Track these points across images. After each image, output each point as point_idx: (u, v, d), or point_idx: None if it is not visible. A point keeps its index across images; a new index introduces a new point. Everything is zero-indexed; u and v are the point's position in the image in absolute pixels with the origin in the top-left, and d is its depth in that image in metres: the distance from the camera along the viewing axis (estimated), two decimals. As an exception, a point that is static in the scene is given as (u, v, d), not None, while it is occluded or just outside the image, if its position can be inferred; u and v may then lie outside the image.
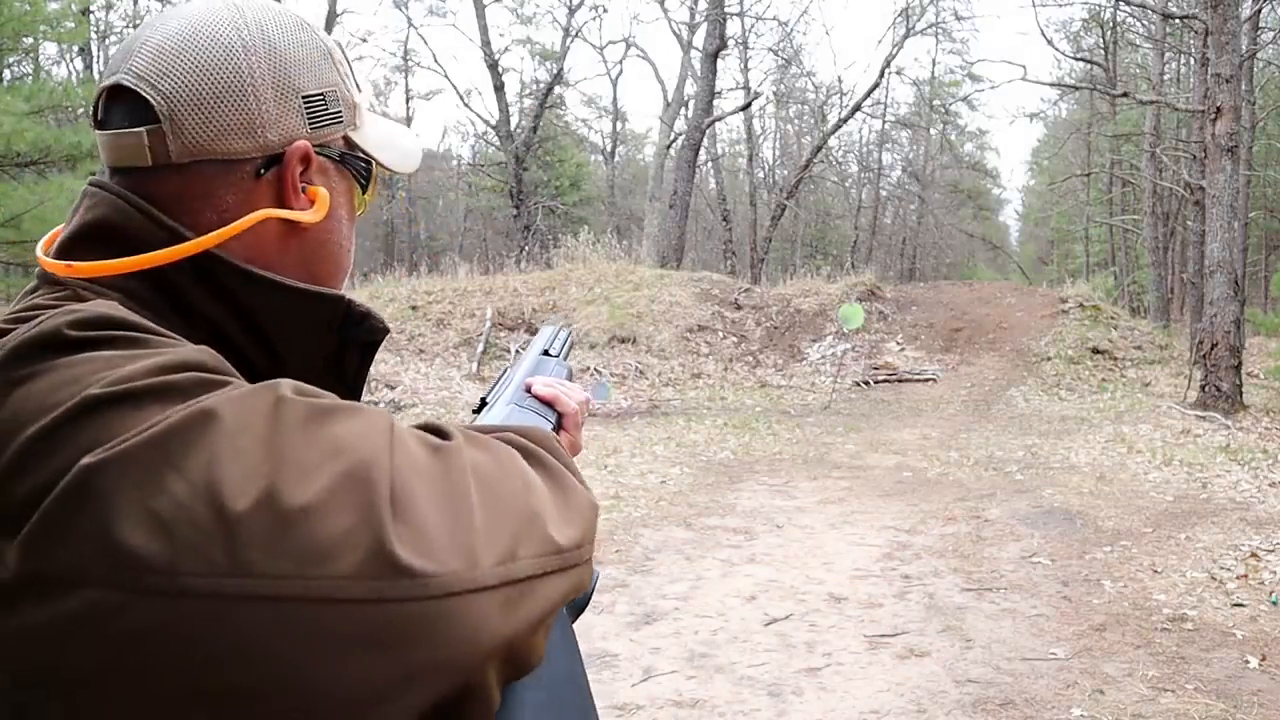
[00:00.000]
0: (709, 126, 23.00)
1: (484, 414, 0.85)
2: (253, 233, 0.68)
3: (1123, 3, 17.24)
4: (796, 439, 9.73)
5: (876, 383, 13.33)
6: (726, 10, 21.84)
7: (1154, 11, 16.48)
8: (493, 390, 0.90)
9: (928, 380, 13.30)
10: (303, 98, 0.70)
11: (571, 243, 17.89)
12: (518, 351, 13.95)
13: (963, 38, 37.78)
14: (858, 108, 25.85)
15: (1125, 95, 17.56)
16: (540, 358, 0.97)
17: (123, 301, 0.63)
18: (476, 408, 0.87)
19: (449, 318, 14.67)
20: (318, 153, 0.72)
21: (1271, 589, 4.70)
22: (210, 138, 0.66)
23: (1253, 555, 5.23)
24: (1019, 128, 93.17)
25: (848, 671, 3.85)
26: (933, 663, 3.91)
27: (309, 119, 0.71)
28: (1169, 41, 21.33)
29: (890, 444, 9.32)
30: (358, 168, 0.76)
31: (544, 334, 1.04)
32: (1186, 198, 17.81)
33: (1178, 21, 15.84)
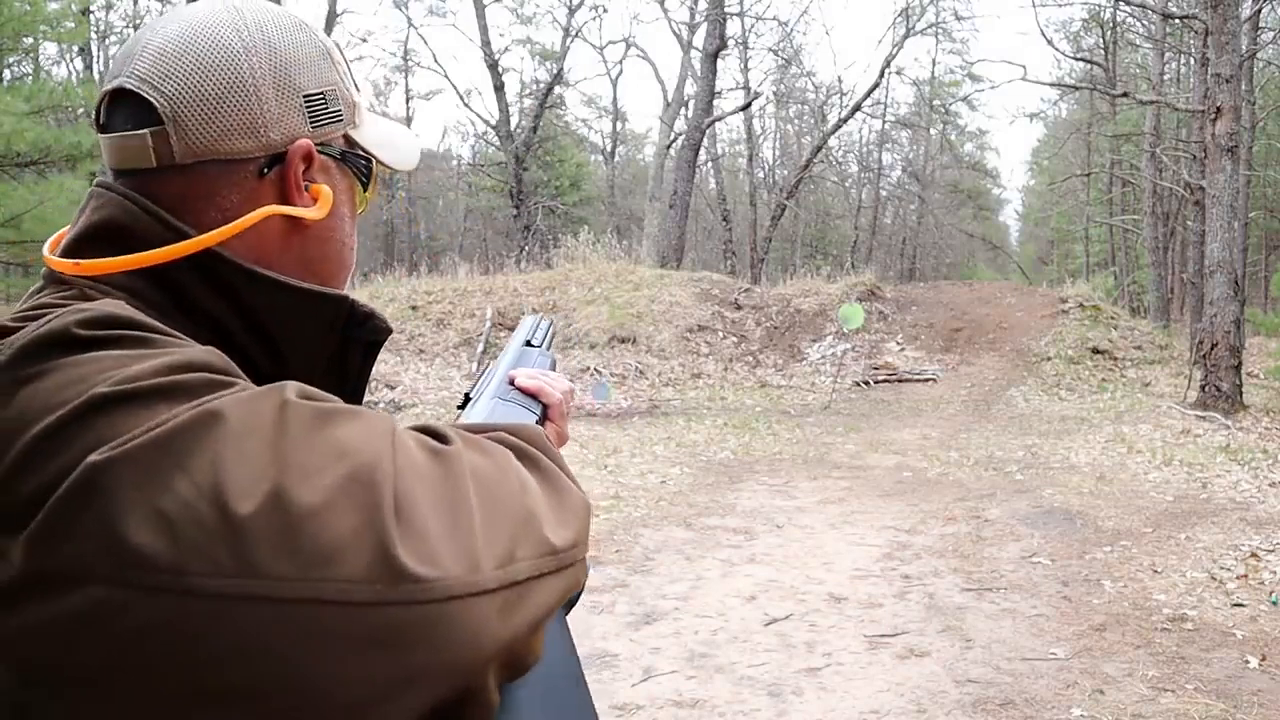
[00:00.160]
0: (709, 126, 23.00)
1: (468, 409, 0.85)
2: (255, 231, 0.68)
3: (1123, 3, 17.23)
4: (796, 439, 9.74)
5: (876, 383, 13.33)
6: (726, 10, 21.84)
7: (1154, 11, 16.48)
8: (476, 385, 0.89)
9: (928, 380, 13.30)
10: (303, 97, 0.71)
11: (571, 243, 17.89)
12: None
13: (963, 38, 37.83)
14: (858, 108, 25.85)
15: (1125, 95, 17.56)
16: (522, 349, 0.97)
17: (129, 301, 0.64)
18: (461, 403, 0.87)
19: (449, 318, 14.67)
20: (319, 151, 0.72)
21: (1271, 589, 4.70)
22: (213, 138, 0.67)
23: (1253, 555, 5.23)
24: (1019, 128, 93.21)
25: (848, 671, 3.85)
26: (933, 663, 3.91)
27: (310, 118, 0.71)
28: (1169, 41, 21.33)
29: (890, 444, 9.32)
30: (358, 166, 0.77)
31: (525, 325, 1.03)
32: (1186, 198, 17.81)
33: (1178, 21, 15.84)
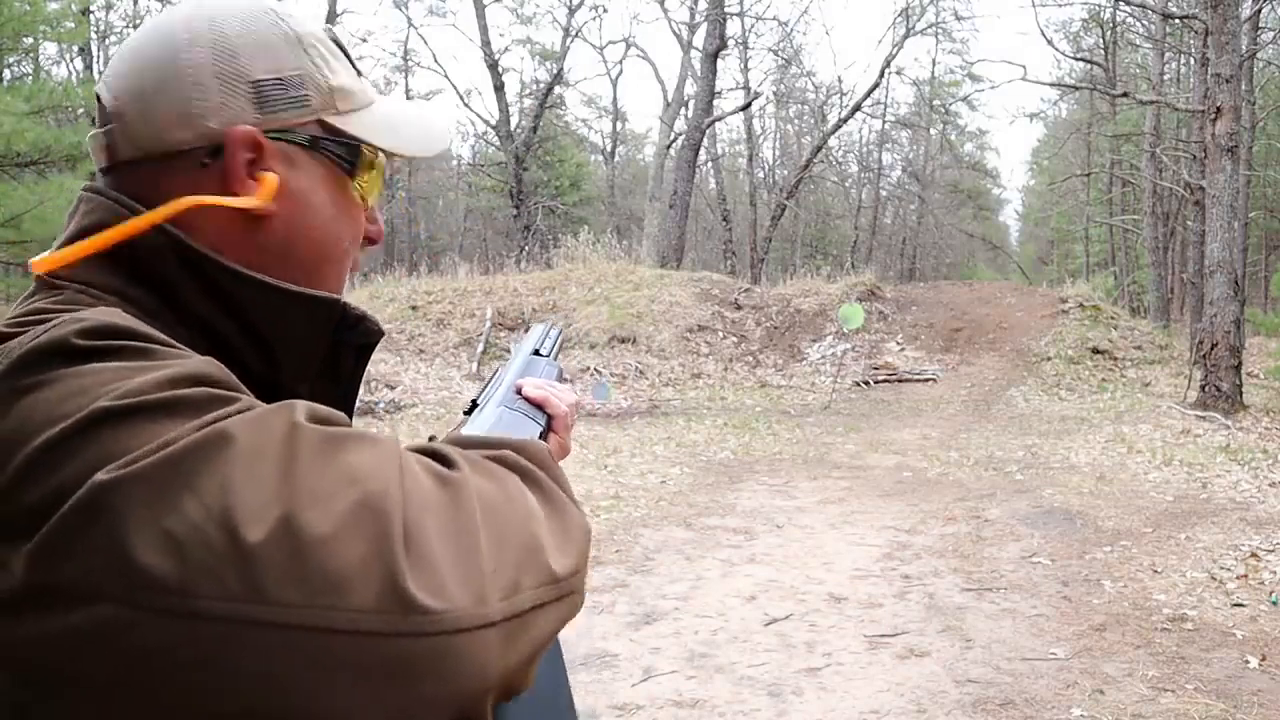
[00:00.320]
0: (709, 126, 23.00)
1: (474, 416, 0.84)
2: (215, 228, 0.67)
3: (1123, 3, 17.24)
4: (796, 439, 9.74)
5: (876, 383, 13.33)
6: (726, 10, 21.85)
7: (1154, 11, 16.48)
8: (483, 392, 0.89)
9: (928, 380, 13.30)
10: (251, 83, 0.69)
11: (571, 243, 17.90)
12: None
13: (963, 38, 37.82)
14: (858, 108, 25.86)
15: (1125, 95, 17.56)
16: (530, 358, 0.96)
17: (121, 305, 0.64)
18: (467, 409, 0.86)
19: (449, 318, 14.67)
20: (276, 138, 0.70)
21: (1271, 589, 4.70)
22: (152, 131, 0.67)
23: (1253, 555, 5.23)
24: (1019, 128, 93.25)
25: (848, 671, 3.85)
26: (933, 663, 3.91)
27: (258, 104, 0.69)
28: (1169, 41, 21.34)
29: (890, 444, 9.32)
30: (335, 153, 0.73)
31: (534, 333, 1.02)
32: (1186, 198, 17.81)
33: (1178, 21, 15.84)
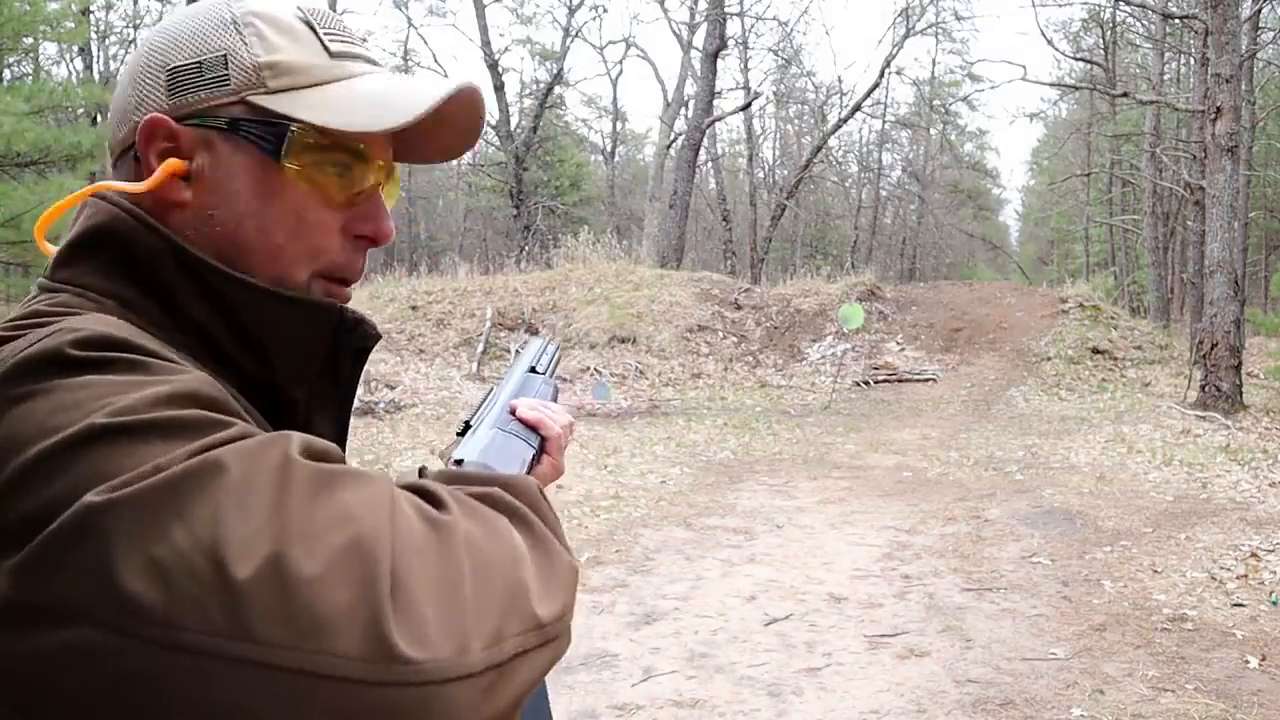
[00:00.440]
0: (709, 126, 23.00)
1: (467, 438, 0.82)
2: (167, 224, 0.67)
3: (1123, 3, 17.24)
4: (796, 439, 9.73)
5: (876, 383, 13.33)
6: (726, 10, 21.85)
7: (1154, 11, 16.48)
8: (477, 411, 0.87)
9: (928, 380, 13.30)
10: (168, 70, 0.68)
11: (571, 243, 17.90)
12: (517, 351, 13.96)
13: (963, 38, 37.88)
14: (858, 108, 25.86)
15: (1125, 95, 17.56)
16: (526, 375, 0.95)
17: (119, 309, 0.64)
18: (460, 430, 0.85)
19: (449, 318, 14.67)
20: (193, 124, 0.67)
21: (1271, 589, 4.70)
22: (113, 131, 0.71)
23: (1253, 555, 5.22)
24: (1019, 128, 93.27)
25: (848, 671, 3.84)
26: (933, 663, 3.91)
27: (170, 90, 0.68)
28: (1169, 41, 21.34)
29: (890, 444, 9.32)
30: (256, 134, 0.67)
31: (531, 349, 1.01)
32: (1186, 198, 17.81)
33: (1178, 21, 15.84)
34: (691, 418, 10.93)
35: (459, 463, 0.77)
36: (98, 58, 24.66)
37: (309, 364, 0.71)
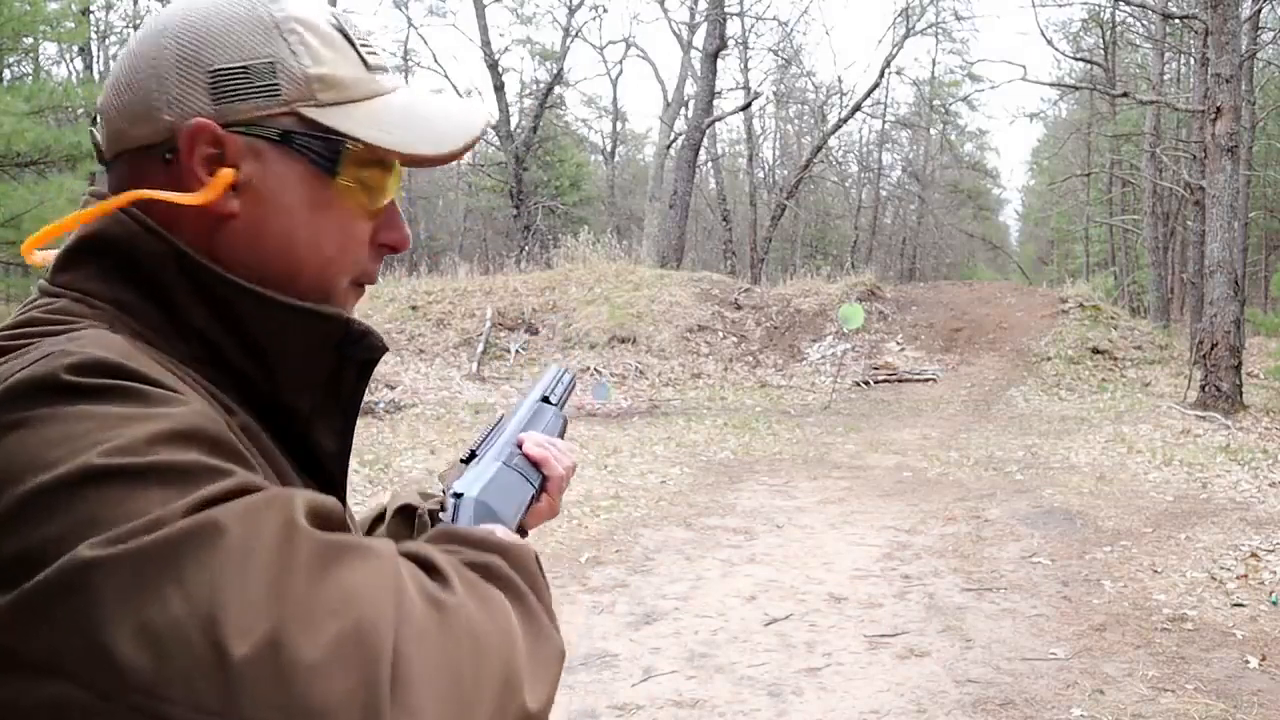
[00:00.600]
0: (709, 126, 23.00)
1: (472, 466, 0.81)
2: (178, 228, 0.65)
3: (1123, 3, 17.24)
4: (796, 439, 9.73)
5: (876, 383, 13.33)
6: (726, 10, 21.85)
7: (1154, 11, 16.48)
8: (485, 440, 0.86)
9: (928, 380, 13.30)
10: (211, 72, 0.65)
11: (571, 243, 17.89)
12: (517, 351, 13.95)
13: (963, 38, 37.88)
14: (858, 108, 25.86)
15: (1125, 95, 17.56)
16: (538, 406, 0.93)
17: (118, 314, 0.63)
18: (465, 457, 0.84)
19: (449, 318, 14.67)
20: (238, 131, 0.65)
21: (1271, 589, 4.70)
22: (121, 127, 0.66)
23: (1253, 555, 5.23)
24: (1019, 128, 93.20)
25: (848, 671, 3.85)
26: (933, 663, 3.91)
27: (215, 94, 0.65)
28: (1169, 41, 21.33)
29: (890, 444, 9.32)
30: (312, 149, 0.67)
31: (546, 377, 0.99)
32: (1186, 198, 17.81)
33: (1178, 21, 15.84)
34: (691, 418, 10.93)
35: (458, 496, 0.77)
36: (98, 58, 24.65)
37: (312, 373, 0.69)
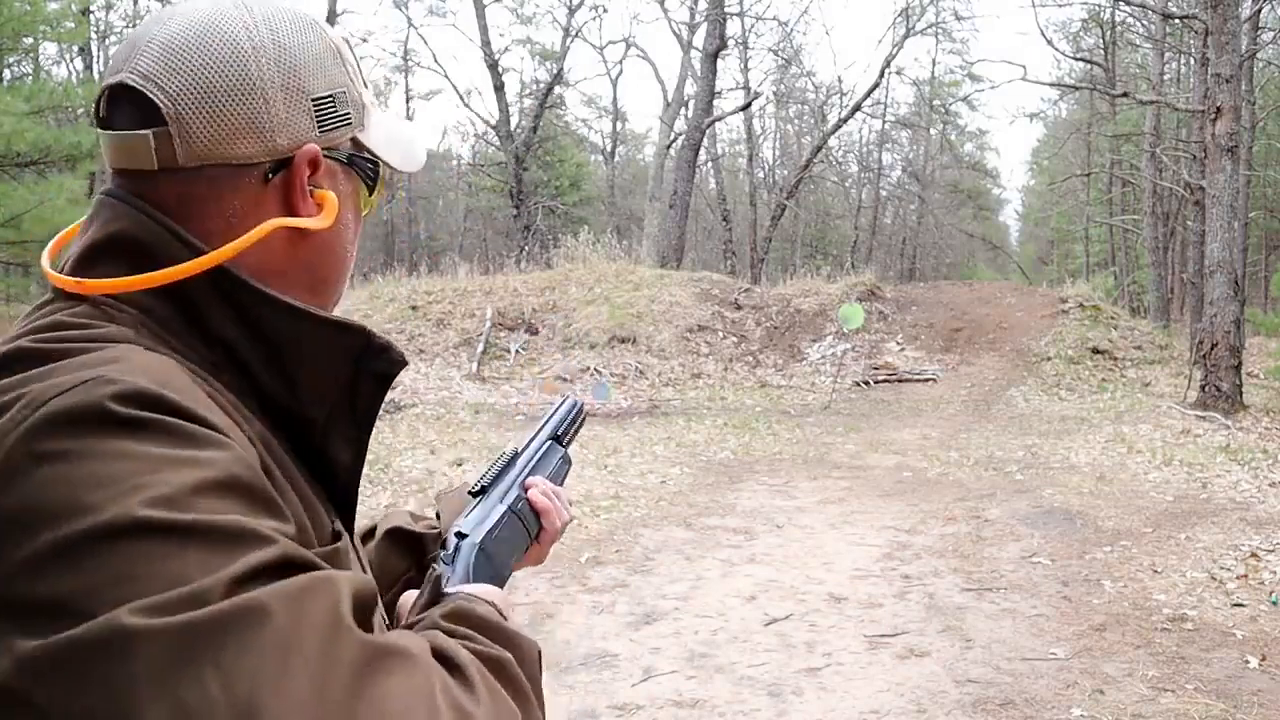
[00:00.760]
0: (709, 126, 23.00)
1: (479, 502, 0.85)
2: (262, 241, 0.66)
3: (1123, 3, 17.24)
4: (796, 439, 9.73)
5: (876, 383, 13.32)
6: (726, 10, 21.84)
7: (1154, 11, 16.48)
8: (496, 475, 0.88)
9: (928, 380, 13.30)
10: (312, 100, 0.69)
11: (571, 243, 17.89)
12: (517, 351, 13.95)
13: (963, 38, 37.82)
14: (858, 108, 25.85)
15: (1125, 95, 17.56)
16: (549, 446, 0.96)
17: (142, 319, 0.63)
18: (474, 490, 0.87)
19: (449, 318, 14.67)
20: (326, 156, 0.70)
21: (1271, 589, 4.70)
22: (218, 141, 0.65)
23: (1253, 555, 5.23)
24: (1019, 128, 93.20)
25: (848, 671, 3.85)
26: (933, 663, 3.91)
27: (318, 122, 0.69)
28: (1169, 41, 21.33)
29: (890, 444, 9.32)
30: (365, 169, 0.75)
31: (560, 411, 1.01)
32: (1186, 198, 17.81)
33: (1178, 21, 15.84)
34: (691, 418, 10.92)
35: (461, 536, 0.81)
36: (98, 58, 24.64)
37: (331, 385, 0.70)
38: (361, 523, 0.86)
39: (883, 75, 24.91)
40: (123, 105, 0.66)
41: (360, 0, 58.78)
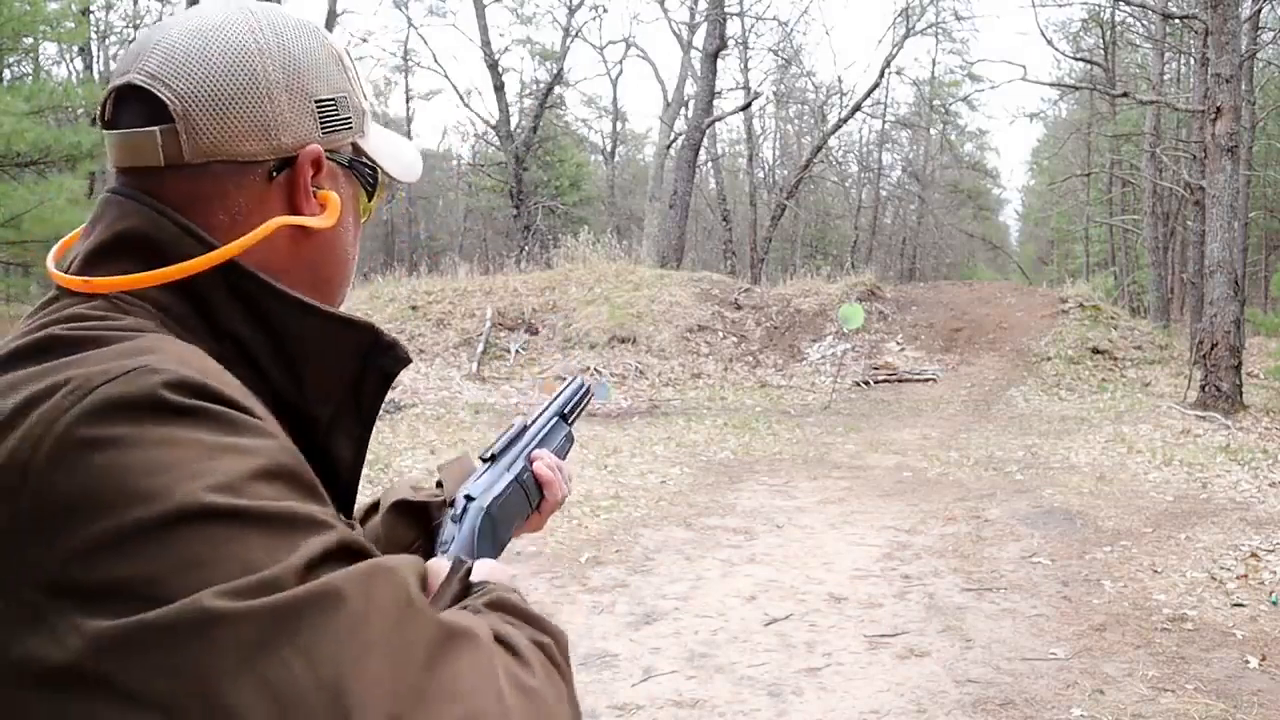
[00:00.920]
0: (709, 126, 22.99)
1: (488, 468, 0.89)
2: (266, 239, 0.68)
3: (1123, 3, 17.24)
4: (796, 439, 9.73)
5: (876, 383, 13.32)
6: (726, 10, 21.84)
7: (1154, 11, 16.48)
8: (503, 446, 0.92)
9: (928, 380, 13.30)
10: (315, 101, 0.71)
11: (571, 243, 17.89)
12: (517, 351, 13.95)
13: (963, 38, 37.84)
14: (858, 108, 25.86)
15: (1125, 95, 17.56)
16: (556, 422, 1.00)
17: (152, 312, 0.63)
18: (485, 455, 0.91)
19: (449, 318, 14.67)
20: (328, 158, 0.72)
21: (1271, 589, 4.70)
22: (224, 139, 0.66)
23: (1253, 555, 5.23)
24: (1019, 128, 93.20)
25: (848, 671, 3.85)
26: (933, 663, 3.91)
27: (321, 123, 0.71)
28: (1169, 41, 21.33)
29: (890, 444, 9.32)
30: (364, 174, 0.77)
31: (569, 390, 1.04)
32: (1186, 198, 17.81)
33: (1178, 21, 15.84)
34: (691, 418, 10.92)
35: (470, 499, 0.84)
36: (98, 58, 24.65)
37: (336, 381, 0.71)
38: (362, 500, 0.88)
39: (883, 75, 24.92)
40: (129, 105, 0.67)
41: (360, 0, 58.80)
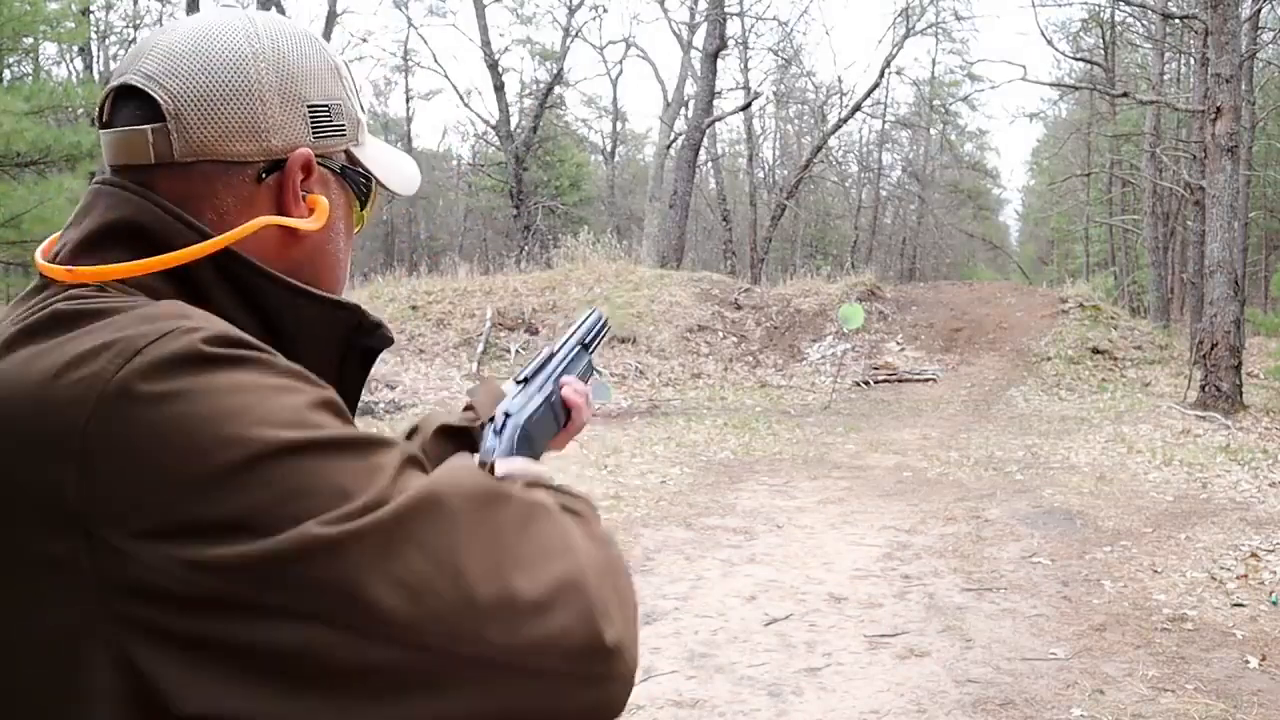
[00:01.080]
0: (709, 126, 22.99)
1: (522, 390, 0.96)
2: (255, 238, 0.68)
3: (1123, 3, 17.24)
4: (796, 439, 9.73)
5: (876, 383, 13.32)
6: (726, 10, 21.84)
7: (1154, 11, 16.48)
8: (534, 370, 0.99)
9: (928, 380, 13.30)
10: (308, 107, 0.72)
11: (571, 243, 17.88)
12: (517, 351, 13.94)
13: (963, 38, 37.81)
14: (858, 108, 25.86)
15: (1125, 95, 17.56)
16: (579, 351, 1.07)
17: (148, 300, 0.63)
18: (519, 378, 0.98)
19: (449, 318, 14.67)
20: (319, 163, 0.73)
21: (1271, 589, 4.70)
22: (214, 138, 0.67)
23: (1253, 555, 5.23)
24: (1019, 128, 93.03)
25: (848, 671, 3.85)
26: (933, 663, 3.91)
27: (313, 128, 0.72)
28: (1169, 41, 21.32)
29: (890, 444, 9.32)
30: (357, 183, 0.78)
31: (587, 323, 1.11)
32: (1186, 198, 17.81)
33: (1178, 21, 15.84)
34: (691, 418, 10.92)
35: (508, 415, 0.91)
36: (98, 58, 24.65)
37: (322, 363, 0.72)
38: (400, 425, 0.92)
39: (883, 75, 24.93)
40: (126, 105, 0.69)
41: (360, 0, 58.75)
